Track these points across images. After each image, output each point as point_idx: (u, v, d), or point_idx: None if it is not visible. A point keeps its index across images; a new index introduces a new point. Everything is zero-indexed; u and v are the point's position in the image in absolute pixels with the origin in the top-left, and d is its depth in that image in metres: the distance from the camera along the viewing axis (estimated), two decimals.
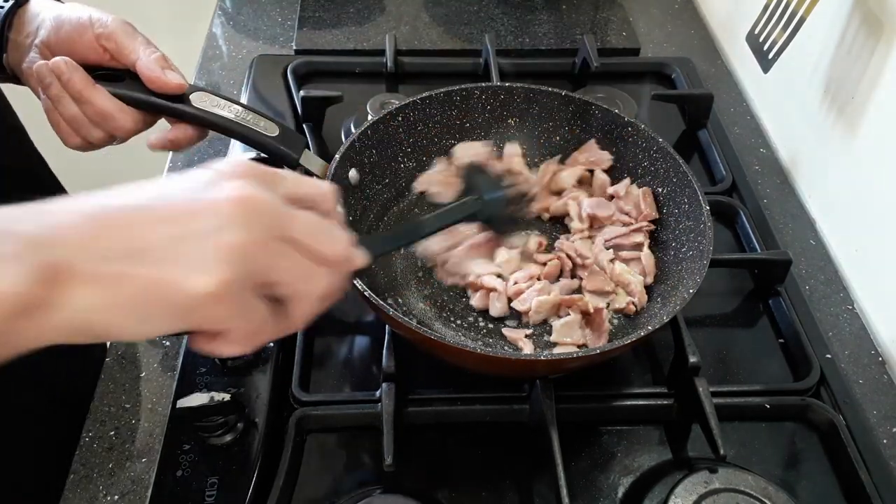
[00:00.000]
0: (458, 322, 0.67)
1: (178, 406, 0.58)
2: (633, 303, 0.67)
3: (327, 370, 0.66)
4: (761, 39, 0.78)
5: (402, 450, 0.57)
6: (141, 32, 0.62)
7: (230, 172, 0.39)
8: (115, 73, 0.61)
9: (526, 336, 0.65)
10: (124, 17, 0.62)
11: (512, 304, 0.67)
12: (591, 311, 0.65)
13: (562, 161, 0.78)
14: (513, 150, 0.78)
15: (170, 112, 0.62)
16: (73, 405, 0.67)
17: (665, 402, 0.64)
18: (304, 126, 0.87)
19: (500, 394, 0.64)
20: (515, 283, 0.67)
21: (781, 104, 0.91)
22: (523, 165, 0.77)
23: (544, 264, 0.70)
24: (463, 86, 0.76)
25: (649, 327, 0.58)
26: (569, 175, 0.76)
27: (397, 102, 0.84)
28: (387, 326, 0.63)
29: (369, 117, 0.85)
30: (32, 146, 0.82)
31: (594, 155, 0.77)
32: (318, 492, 0.59)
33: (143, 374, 0.67)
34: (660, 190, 0.73)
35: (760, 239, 0.77)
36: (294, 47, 1.02)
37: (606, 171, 0.76)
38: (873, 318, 0.73)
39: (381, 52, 0.97)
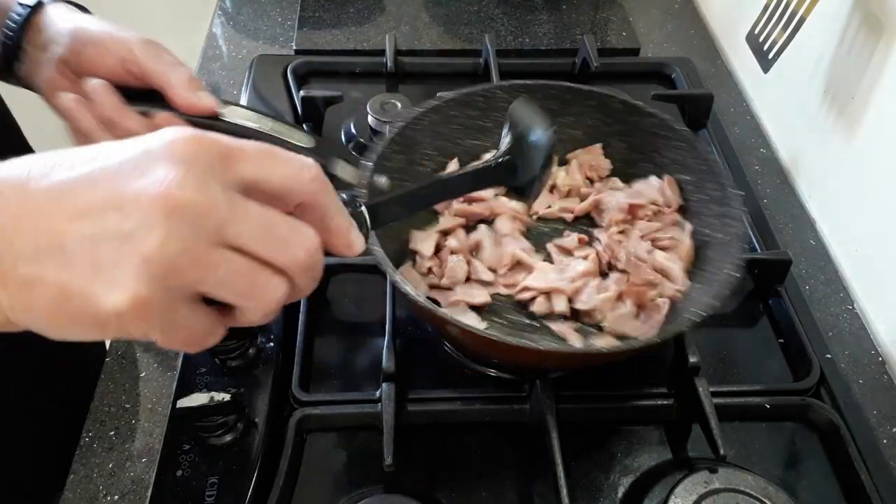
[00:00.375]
0: (500, 321, 0.66)
1: (178, 406, 0.58)
2: (678, 290, 0.66)
3: (327, 370, 0.66)
4: (761, 39, 0.79)
5: (402, 450, 0.57)
6: (167, 51, 0.58)
7: (171, 152, 0.32)
8: (144, 91, 0.58)
9: (574, 330, 0.65)
10: (149, 37, 0.58)
11: (574, 305, 0.65)
12: (649, 302, 0.64)
13: (561, 162, 0.78)
14: None
15: (205, 127, 0.60)
16: (73, 405, 0.67)
17: (665, 402, 0.64)
18: (304, 126, 0.87)
19: (500, 394, 0.64)
20: (573, 281, 0.66)
21: (781, 104, 0.91)
22: None
23: (585, 257, 0.69)
24: (484, 86, 0.76)
25: (702, 312, 0.57)
26: (572, 175, 0.76)
27: (398, 103, 0.84)
28: (387, 326, 0.63)
29: (369, 119, 0.85)
30: (28, 147, 0.81)
31: (596, 160, 0.78)
32: (318, 492, 0.59)
33: (143, 374, 0.67)
34: (685, 178, 0.73)
35: (760, 239, 0.77)
36: (294, 47, 1.02)
37: (629, 161, 0.77)
38: (873, 318, 0.73)
39: (381, 52, 0.97)
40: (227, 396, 0.57)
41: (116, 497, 0.59)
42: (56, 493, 0.59)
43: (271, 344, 0.65)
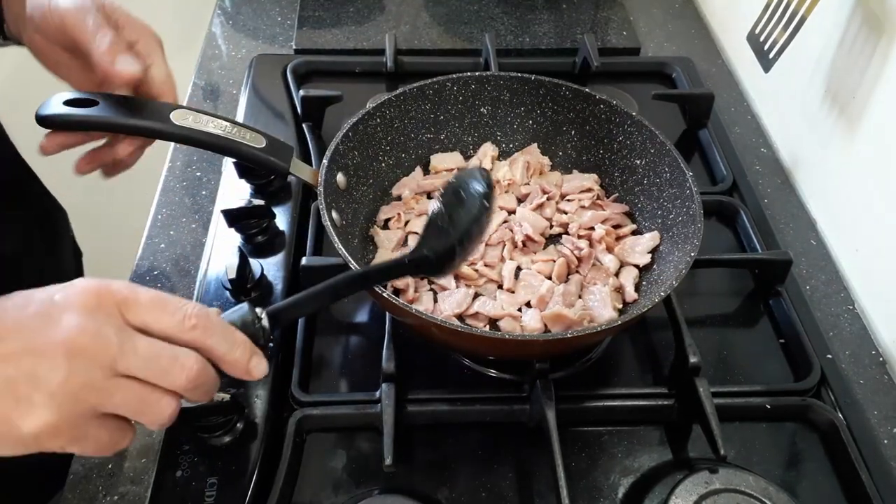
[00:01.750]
0: None
1: None
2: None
3: (327, 370, 0.66)
4: (762, 39, 0.78)
5: (401, 450, 0.57)
6: (95, 16, 0.56)
7: (74, 304, 0.40)
8: (89, 100, 0.57)
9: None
10: None
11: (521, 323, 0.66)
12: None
13: (502, 157, 0.81)
14: (486, 150, 0.80)
15: (151, 133, 0.59)
16: None
17: (665, 403, 0.64)
18: (303, 126, 0.87)
19: (499, 394, 0.64)
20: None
21: (782, 104, 0.91)
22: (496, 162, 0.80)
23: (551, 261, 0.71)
24: (434, 79, 0.76)
25: (661, 293, 0.59)
26: (514, 171, 0.78)
27: None
28: (387, 326, 0.63)
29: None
30: (17, 154, 0.80)
31: (534, 158, 0.79)
32: (318, 492, 0.59)
33: None
34: (638, 162, 0.74)
35: (761, 239, 0.77)
36: (294, 47, 1.02)
37: (582, 148, 0.79)
38: (874, 319, 0.73)
39: (381, 52, 0.97)
40: (226, 397, 0.57)
41: (116, 497, 0.58)
42: (56, 493, 0.59)
43: (271, 344, 0.65)
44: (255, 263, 0.70)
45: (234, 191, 0.79)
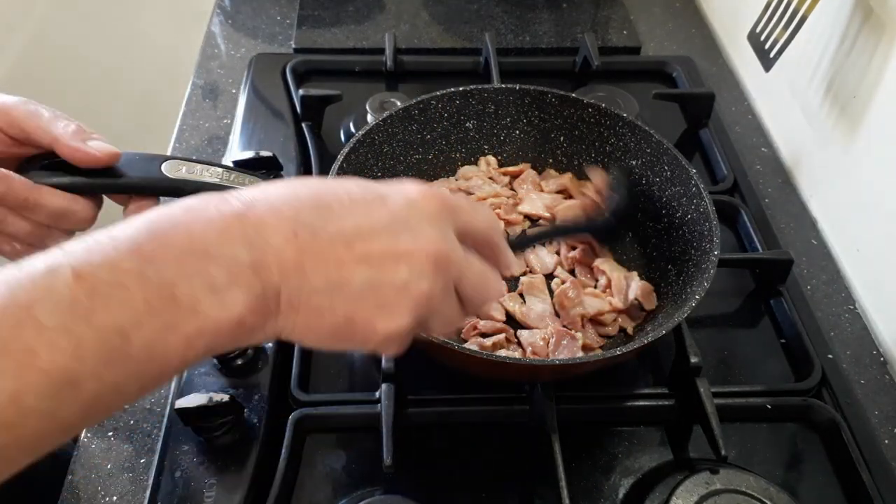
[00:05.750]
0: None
1: (176, 407, 0.57)
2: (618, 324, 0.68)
3: (327, 370, 0.66)
4: (763, 38, 0.78)
5: (401, 450, 0.57)
6: (45, 107, 0.53)
7: (424, 210, 0.41)
8: (51, 162, 0.53)
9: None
10: (27, 98, 0.52)
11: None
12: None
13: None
14: (485, 162, 0.79)
15: (143, 190, 0.55)
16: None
17: (666, 403, 0.63)
18: (303, 125, 0.87)
19: (500, 395, 0.63)
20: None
21: (783, 103, 0.91)
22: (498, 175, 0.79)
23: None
24: (419, 98, 0.75)
25: (693, 303, 0.58)
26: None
27: (397, 102, 0.84)
28: None
29: (368, 118, 0.85)
30: None
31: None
32: (318, 492, 0.58)
33: None
34: (633, 163, 0.74)
35: (762, 239, 0.76)
36: (293, 46, 1.02)
37: (572, 153, 0.79)
38: (875, 318, 0.73)
39: (381, 51, 0.96)
40: (225, 397, 0.57)
41: (115, 498, 0.58)
42: (54, 495, 0.59)
43: (270, 344, 0.65)
44: None
45: None
